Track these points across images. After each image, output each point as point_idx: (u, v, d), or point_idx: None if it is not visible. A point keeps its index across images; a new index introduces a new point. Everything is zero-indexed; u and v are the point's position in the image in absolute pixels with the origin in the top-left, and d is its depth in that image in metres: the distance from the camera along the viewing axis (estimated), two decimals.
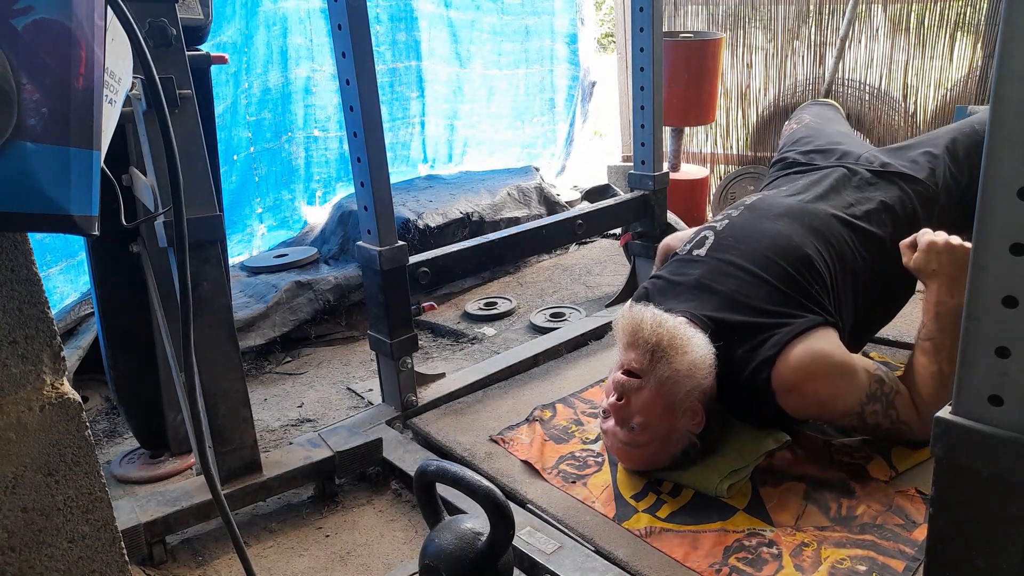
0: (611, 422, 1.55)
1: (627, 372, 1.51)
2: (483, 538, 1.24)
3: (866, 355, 2.07)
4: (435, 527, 1.31)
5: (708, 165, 3.96)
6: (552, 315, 2.67)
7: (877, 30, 3.44)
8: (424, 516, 1.35)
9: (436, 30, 3.51)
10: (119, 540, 0.88)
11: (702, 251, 1.70)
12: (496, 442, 1.80)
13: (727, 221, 1.74)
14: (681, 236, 2.02)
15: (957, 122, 2.01)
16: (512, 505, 1.57)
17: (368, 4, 1.71)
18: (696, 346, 1.50)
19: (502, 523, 1.22)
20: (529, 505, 1.58)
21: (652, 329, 1.49)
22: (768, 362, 1.49)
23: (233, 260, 2.98)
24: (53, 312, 0.80)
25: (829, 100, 3.18)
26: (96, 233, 0.71)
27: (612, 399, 1.53)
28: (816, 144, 1.97)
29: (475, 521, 1.28)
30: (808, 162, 1.89)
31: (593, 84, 4.31)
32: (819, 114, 2.27)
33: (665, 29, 3.08)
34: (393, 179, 1.88)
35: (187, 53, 1.37)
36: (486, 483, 1.21)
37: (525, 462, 1.71)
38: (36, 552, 0.81)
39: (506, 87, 3.87)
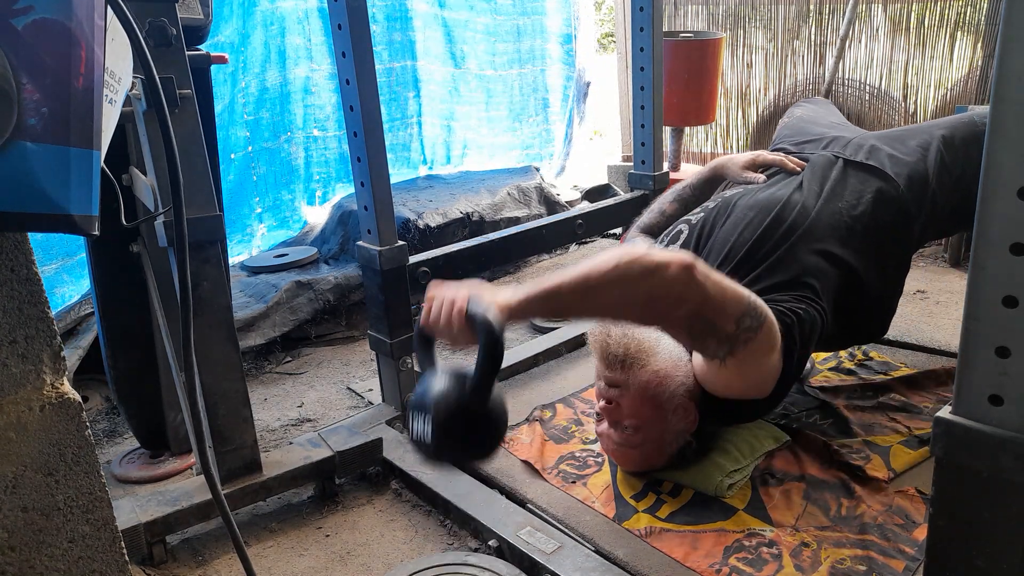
0: (605, 424, 1.56)
1: (607, 384, 1.52)
2: (473, 373, 1.18)
3: (867, 356, 2.07)
4: (426, 371, 1.25)
5: None
6: None
7: (877, 30, 3.44)
8: (419, 362, 1.29)
9: (431, 30, 3.50)
10: (119, 540, 0.88)
11: (676, 247, 1.71)
12: None
13: (702, 215, 1.74)
14: (737, 160, 1.94)
15: (957, 114, 2.00)
16: (512, 504, 1.58)
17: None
18: (666, 346, 1.51)
19: (490, 351, 1.15)
20: (529, 505, 1.59)
21: (617, 341, 1.50)
22: None
23: (233, 260, 2.98)
24: (53, 312, 0.80)
25: (820, 98, 3.18)
26: (96, 233, 0.71)
27: (603, 403, 1.54)
28: (808, 135, 1.96)
29: (468, 367, 1.21)
30: (799, 152, 1.89)
31: (588, 84, 4.31)
32: (811, 109, 2.27)
33: (665, 29, 3.08)
34: (392, 180, 1.88)
35: (187, 53, 1.37)
36: (484, 315, 1.16)
37: (525, 462, 1.71)
38: (36, 552, 0.81)
39: (502, 88, 3.87)
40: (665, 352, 1.50)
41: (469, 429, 1.19)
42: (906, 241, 1.72)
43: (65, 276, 2.34)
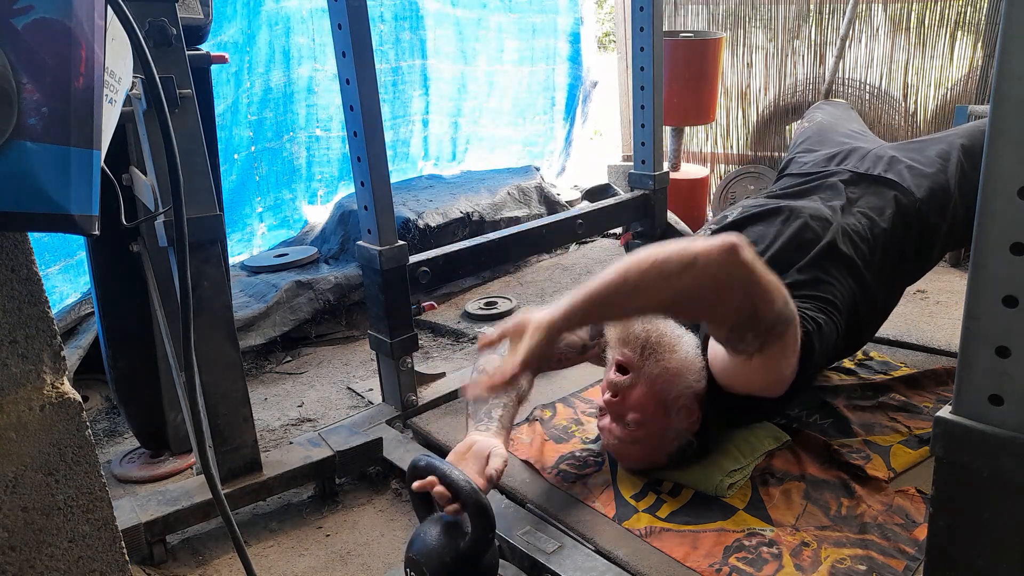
0: (607, 419, 1.56)
1: (619, 367, 1.52)
2: (467, 537, 1.24)
3: (867, 355, 2.07)
4: (424, 521, 1.32)
5: (708, 165, 3.96)
6: None
7: (877, 30, 3.44)
8: (415, 509, 1.35)
9: (442, 28, 3.51)
10: (119, 539, 0.88)
11: None
12: None
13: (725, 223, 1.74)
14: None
15: (976, 121, 1.99)
16: (512, 503, 1.58)
17: (371, 3, 1.71)
18: (685, 346, 1.51)
19: (482, 524, 1.22)
20: (529, 504, 1.59)
21: (642, 325, 1.50)
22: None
23: (233, 259, 2.98)
24: (53, 311, 0.80)
25: (840, 100, 3.18)
26: (96, 233, 0.71)
27: (607, 396, 1.54)
28: (825, 146, 1.96)
29: (463, 519, 1.29)
30: (814, 169, 1.88)
31: (595, 84, 4.31)
32: (831, 113, 2.26)
33: (665, 28, 3.08)
34: (394, 177, 1.88)
35: (187, 53, 1.37)
36: (471, 484, 1.22)
37: (525, 461, 1.71)
38: (36, 551, 0.82)
39: (510, 85, 3.88)
40: (683, 352, 1.50)
41: None
42: (927, 251, 1.72)
43: (63, 276, 2.33)
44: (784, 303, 1.28)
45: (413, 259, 1.97)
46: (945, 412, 0.82)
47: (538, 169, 3.87)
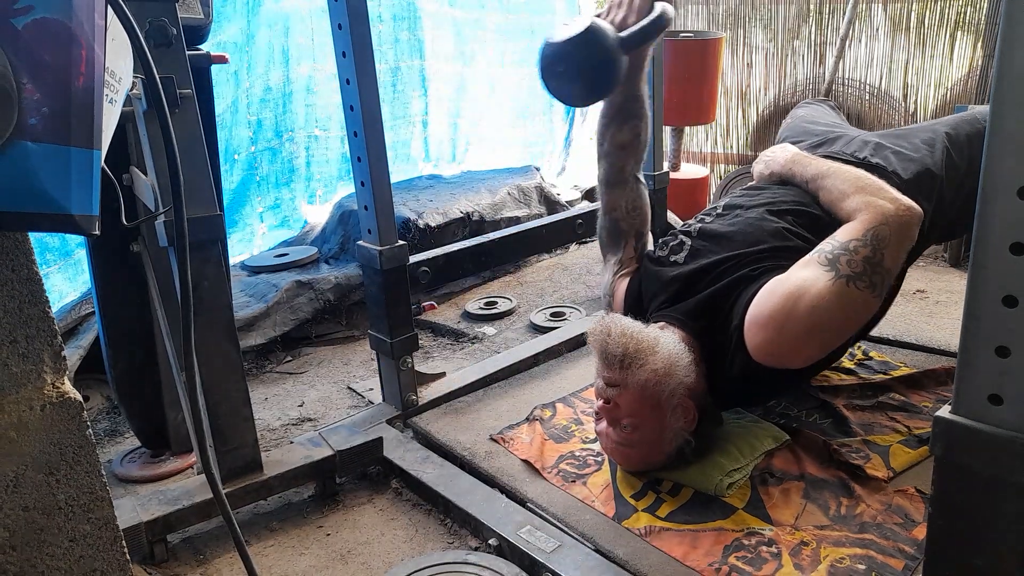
0: (603, 423, 1.56)
1: (606, 383, 1.53)
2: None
3: (867, 355, 2.07)
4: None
5: (708, 165, 3.97)
6: (552, 314, 2.67)
7: (877, 29, 3.44)
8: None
9: (440, 29, 3.50)
10: (120, 539, 0.88)
11: (681, 256, 1.71)
12: (496, 441, 1.80)
13: (703, 219, 1.76)
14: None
15: (959, 113, 2.00)
16: (512, 503, 1.58)
17: (370, 3, 1.71)
18: (665, 344, 1.51)
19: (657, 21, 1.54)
20: (529, 504, 1.59)
21: (616, 340, 1.49)
22: (742, 309, 1.49)
23: (233, 259, 2.97)
24: (53, 311, 0.80)
25: (823, 99, 3.18)
26: (97, 233, 0.71)
27: (601, 402, 1.54)
28: (809, 134, 1.97)
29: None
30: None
31: None
32: (813, 109, 2.28)
33: None
34: (395, 178, 1.88)
35: (187, 53, 1.37)
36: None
37: (525, 461, 1.71)
38: (37, 551, 0.82)
39: (509, 85, 3.87)
40: (664, 351, 1.50)
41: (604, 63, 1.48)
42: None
43: (62, 275, 2.33)
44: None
45: (413, 259, 1.97)
46: (945, 412, 0.82)
47: (538, 169, 3.87)
